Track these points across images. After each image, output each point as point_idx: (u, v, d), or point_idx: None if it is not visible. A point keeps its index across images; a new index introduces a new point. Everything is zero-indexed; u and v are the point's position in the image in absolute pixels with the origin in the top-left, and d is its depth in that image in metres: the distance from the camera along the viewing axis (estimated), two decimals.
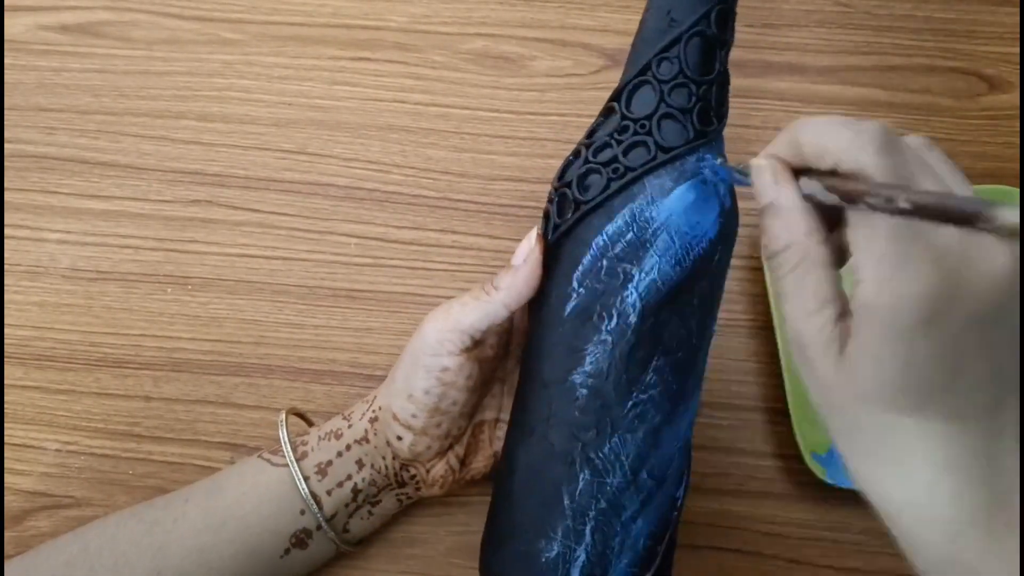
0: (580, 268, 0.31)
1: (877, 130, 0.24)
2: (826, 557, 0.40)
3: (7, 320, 0.44)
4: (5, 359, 0.43)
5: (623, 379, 0.30)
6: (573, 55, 0.49)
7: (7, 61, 0.49)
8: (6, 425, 0.42)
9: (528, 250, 0.32)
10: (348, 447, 0.35)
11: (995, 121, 0.48)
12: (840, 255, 0.25)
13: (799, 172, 0.25)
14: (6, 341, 0.44)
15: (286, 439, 0.35)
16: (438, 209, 0.46)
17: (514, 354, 0.38)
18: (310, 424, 0.39)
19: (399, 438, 0.34)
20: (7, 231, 0.46)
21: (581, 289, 0.31)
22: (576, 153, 0.32)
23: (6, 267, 0.45)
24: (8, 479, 0.41)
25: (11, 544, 0.40)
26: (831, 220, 0.25)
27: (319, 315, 0.44)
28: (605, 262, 0.30)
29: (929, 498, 0.23)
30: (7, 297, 0.45)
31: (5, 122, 0.48)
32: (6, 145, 0.48)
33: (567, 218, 0.31)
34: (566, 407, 0.31)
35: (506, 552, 0.33)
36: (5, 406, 0.43)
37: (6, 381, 0.43)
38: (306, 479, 0.34)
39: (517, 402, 0.34)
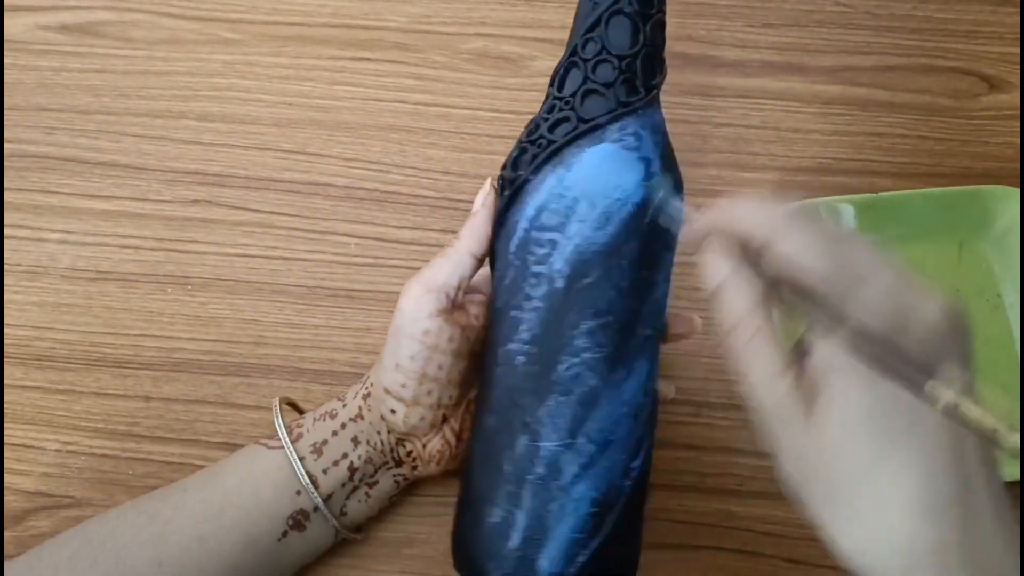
0: (515, 241, 0.32)
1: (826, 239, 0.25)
2: (826, 557, 0.40)
3: (7, 320, 0.44)
4: (5, 359, 0.43)
5: (555, 343, 0.31)
6: None
7: (7, 61, 0.49)
8: (6, 425, 0.42)
9: (483, 197, 0.34)
10: (343, 425, 0.36)
11: (995, 121, 0.48)
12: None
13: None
14: (6, 341, 0.44)
15: (280, 422, 0.36)
16: (438, 209, 0.46)
17: None
18: (302, 413, 0.40)
19: (392, 411, 0.35)
20: (7, 231, 0.46)
21: (516, 261, 0.32)
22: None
23: (6, 267, 0.45)
24: (8, 479, 0.41)
25: (11, 544, 0.40)
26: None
27: (319, 315, 0.44)
28: (534, 233, 0.31)
29: (888, 542, 0.23)
30: (7, 297, 0.45)
31: (5, 122, 0.48)
32: (6, 145, 0.48)
33: (504, 196, 0.33)
34: (508, 374, 0.32)
35: (463, 522, 0.34)
36: (5, 406, 0.43)
37: (6, 381, 0.43)
38: (301, 459, 0.35)
39: (480, 375, 0.35)
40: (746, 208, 0.27)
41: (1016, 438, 0.22)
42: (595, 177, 0.31)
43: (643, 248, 0.31)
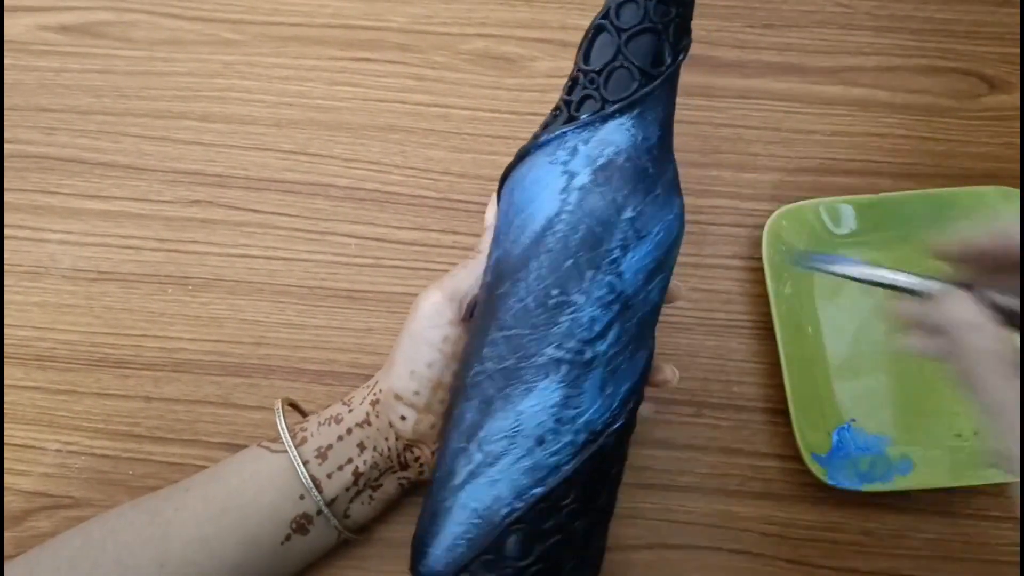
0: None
1: None
2: (826, 558, 0.40)
3: (7, 320, 0.44)
4: (5, 359, 0.43)
5: (472, 349, 0.32)
6: (573, 55, 0.49)
7: (7, 61, 0.49)
8: (6, 425, 0.42)
9: (493, 210, 0.35)
10: (349, 431, 0.36)
11: (995, 122, 0.48)
12: None
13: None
14: (6, 341, 0.44)
15: (283, 425, 0.36)
16: (439, 210, 0.46)
17: None
18: (304, 415, 0.40)
19: (403, 418, 0.35)
20: (7, 231, 0.46)
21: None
22: None
23: (6, 267, 0.45)
24: (8, 479, 0.41)
25: (11, 544, 0.40)
26: None
27: (319, 315, 0.44)
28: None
29: None
30: (8, 297, 0.45)
31: (5, 122, 0.48)
32: (6, 145, 0.48)
33: None
34: (455, 376, 0.34)
35: None
36: (5, 406, 0.43)
37: (6, 381, 0.43)
38: (305, 463, 0.35)
39: None
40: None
41: None
42: (518, 191, 0.31)
43: (555, 265, 0.30)
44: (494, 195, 0.35)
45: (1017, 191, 0.43)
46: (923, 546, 0.40)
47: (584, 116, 0.30)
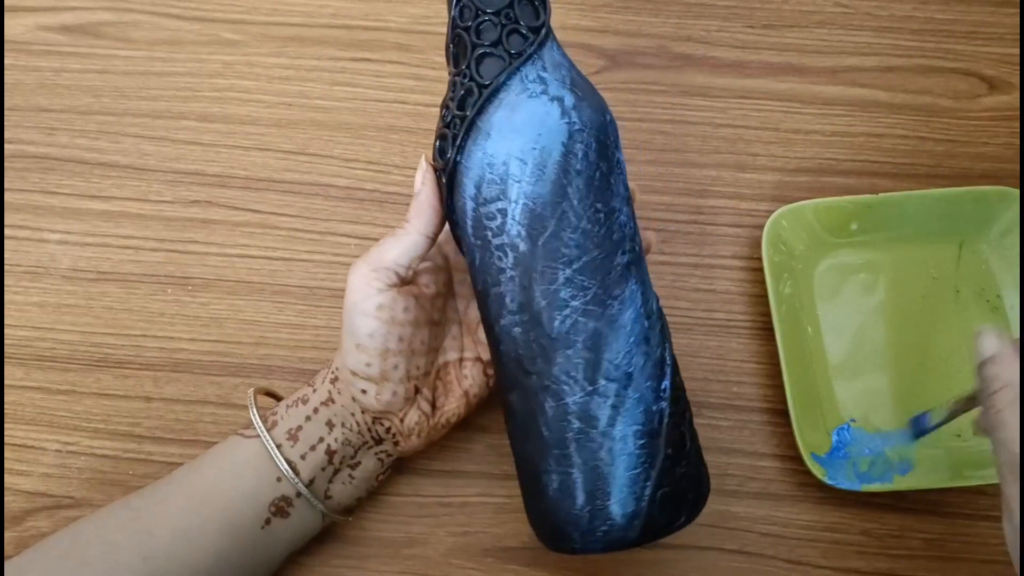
0: (470, 224, 0.33)
1: None
2: (826, 558, 0.40)
3: (8, 320, 0.44)
4: (5, 359, 0.43)
5: (541, 303, 0.32)
6: (573, 55, 0.49)
7: (7, 61, 0.49)
8: (6, 425, 0.42)
9: (421, 175, 0.35)
10: (316, 410, 0.36)
11: (995, 122, 0.48)
12: None
13: None
14: (6, 341, 0.44)
15: (255, 410, 0.36)
16: None
17: (460, 294, 0.39)
18: (279, 400, 0.40)
19: (363, 391, 0.35)
20: (7, 232, 0.46)
21: (478, 241, 0.33)
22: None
23: (6, 268, 0.45)
24: (8, 479, 0.41)
25: (11, 544, 0.40)
26: None
27: (319, 316, 0.44)
28: (482, 209, 0.32)
29: None
30: (8, 298, 0.45)
31: (5, 122, 0.48)
32: (6, 145, 0.48)
33: (444, 186, 0.33)
34: (512, 348, 0.33)
35: (530, 502, 0.34)
36: (5, 406, 0.43)
37: (6, 381, 0.43)
38: (278, 446, 0.35)
39: (492, 360, 0.35)
40: None
41: None
42: (513, 134, 0.31)
43: (589, 183, 0.31)
44: (423, 160, 0.35)
45: (1017, 191, 0.43)
46: (923, 546, 0.41)
47: (527, 50, 0.32)
